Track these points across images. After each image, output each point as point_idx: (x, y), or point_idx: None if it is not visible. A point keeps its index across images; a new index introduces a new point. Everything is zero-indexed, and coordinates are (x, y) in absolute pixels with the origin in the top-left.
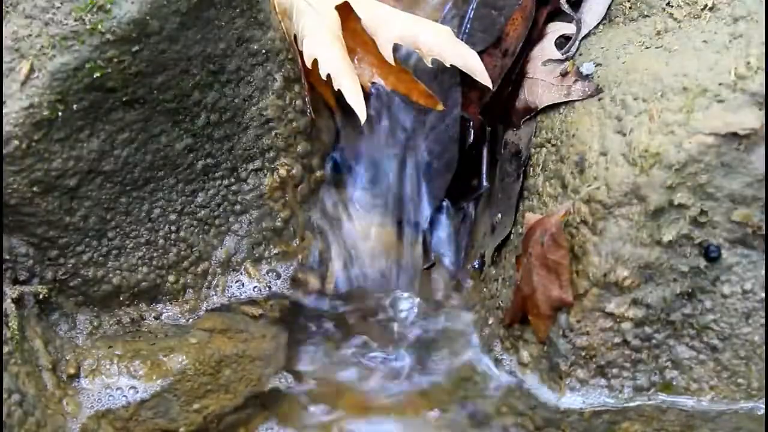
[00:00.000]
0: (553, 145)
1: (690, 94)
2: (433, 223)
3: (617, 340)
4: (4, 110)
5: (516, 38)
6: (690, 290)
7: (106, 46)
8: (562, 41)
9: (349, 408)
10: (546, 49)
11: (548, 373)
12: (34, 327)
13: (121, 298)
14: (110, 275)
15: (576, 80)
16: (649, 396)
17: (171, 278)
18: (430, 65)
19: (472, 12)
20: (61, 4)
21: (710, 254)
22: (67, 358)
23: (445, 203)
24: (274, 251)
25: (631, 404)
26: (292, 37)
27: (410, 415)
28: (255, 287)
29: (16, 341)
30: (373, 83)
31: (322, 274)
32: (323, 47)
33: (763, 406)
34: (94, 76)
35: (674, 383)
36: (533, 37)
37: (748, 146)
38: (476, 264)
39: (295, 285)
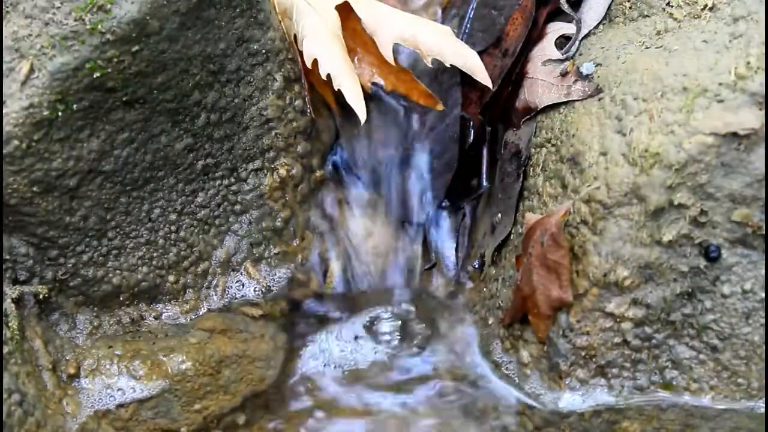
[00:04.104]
0: (553, 145)
1: (690, 94)
2: (433, 223)
3: (617, 340)
4: (4, 110)
5: (516, 38)
6: (690, 290)
7: (106, 46)
8: (562, 41)
9: (348, 409)
10: (546, 49)
11: (548, 373)
12: (34, 327)
13: (121, 298)
14: (110, 275)
15: (576, 80)
16: (649, 396)
17: (171, 278)
18: (430, 65)
19: (472, 12)
20: (61, 4)
21: (710, 254)
22: (67, 358)
23: (445, 203)
24: (274, 251)
25: (631, 404)
26: (292, 37)
27: (410, 415)
28: (255, 287)
29: (16, 341)
30: (373, 83)
31: (322, 274)
32: (323, 47)
33: (763, 406)
34: (94, 76)
35: (674, 383)
36: (533, 37)
37: (748, 146)
38: (476, 264)
39: (295, 285)
